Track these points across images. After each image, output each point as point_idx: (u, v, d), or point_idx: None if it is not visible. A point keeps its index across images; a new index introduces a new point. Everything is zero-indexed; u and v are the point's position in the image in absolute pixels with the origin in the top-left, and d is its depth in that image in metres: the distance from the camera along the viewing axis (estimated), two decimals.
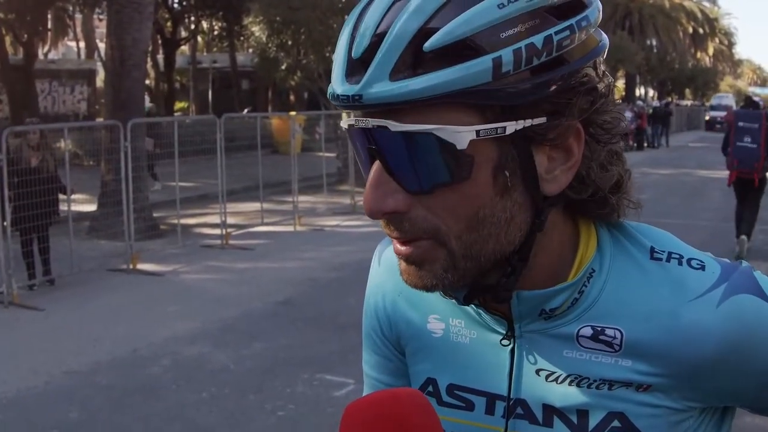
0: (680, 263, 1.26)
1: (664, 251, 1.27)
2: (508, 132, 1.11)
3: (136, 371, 7.63)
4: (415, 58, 1.08)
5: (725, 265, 1.27)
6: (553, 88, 1.12)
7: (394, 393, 1.13)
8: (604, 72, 1.22)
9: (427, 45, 1.06)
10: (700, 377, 1.22)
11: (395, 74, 1.07)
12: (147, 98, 29.35)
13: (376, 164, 1.14)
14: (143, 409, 6.72)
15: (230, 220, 14.72)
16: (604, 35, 1.23)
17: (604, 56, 1.22)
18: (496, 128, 1.10)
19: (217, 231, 14.17)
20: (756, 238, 13.84)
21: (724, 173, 13.22)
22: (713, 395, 1.26)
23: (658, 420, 1.24)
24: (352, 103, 1.10)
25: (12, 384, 7.24)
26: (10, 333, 8.92)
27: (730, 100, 61.43)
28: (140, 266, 11.95)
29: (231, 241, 13.84)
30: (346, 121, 1.17)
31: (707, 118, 62.15)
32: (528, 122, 1.11)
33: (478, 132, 1.09)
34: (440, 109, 1.08)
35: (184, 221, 14.55)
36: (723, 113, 53.75)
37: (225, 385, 7.25)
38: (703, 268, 1.25)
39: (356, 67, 1.11)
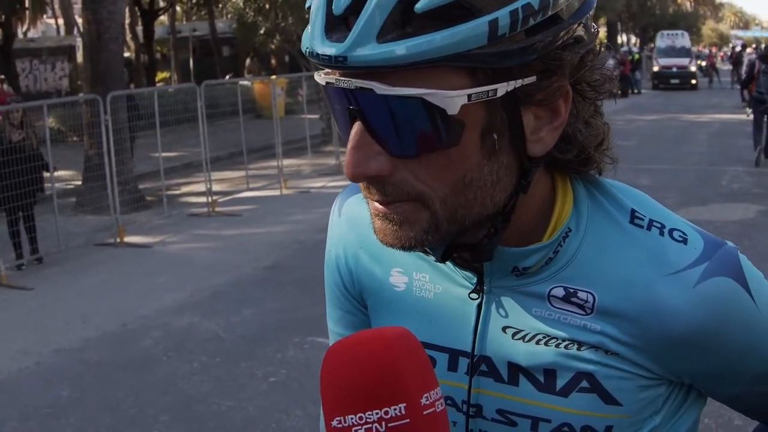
0: (662, 233, 1.22)
1: (645, 217, 1.23)
2: (499, 94, 1.06)
3: (126, 345, 7.61)
4: (405, 17, 1.01)
5: (709, 241, 1.23)
6: (547, 47, 1.07)
7: (380, 334, 1.09)
8: (595, 28, 1.17)
9: (419, 6, 1.00)
10: (665, 353, 1.20)
11: (383, 36, 1.01)
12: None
13: (357, 125, 1.09)
14: (134, 382, 6.71)
15: (216, 188, 14.67)
16: None
17: (594, 9, 1.17)
18: (488, 91, 1.05)
19: (203, 199, 14.08)
20: (744, 180, 13.87)
21: (710, 117, 14.83)
22: (673, 371, 1.24)
23: (628, 383, 1.22)
24: (335, 64, 1.04)
25: (2, 366, 7.21)
26: None
27: (684, 40, 44.41)
28: (127, 239, 11.89)
29: (217, 209, 13.77)
30: (323, 77, 1.10)
31: (655, 68, 43.06)
32: (519, 82, 1.07)
33: (469, 96, 1.05)
34: (429, 71, 1.03)
35: (169, 191, 14.48)
36: (683, 61, 42.41)
37: (216, 353, 7.25)
38: (685, 241, 1.22)
39: (338, 24, 1.05)
